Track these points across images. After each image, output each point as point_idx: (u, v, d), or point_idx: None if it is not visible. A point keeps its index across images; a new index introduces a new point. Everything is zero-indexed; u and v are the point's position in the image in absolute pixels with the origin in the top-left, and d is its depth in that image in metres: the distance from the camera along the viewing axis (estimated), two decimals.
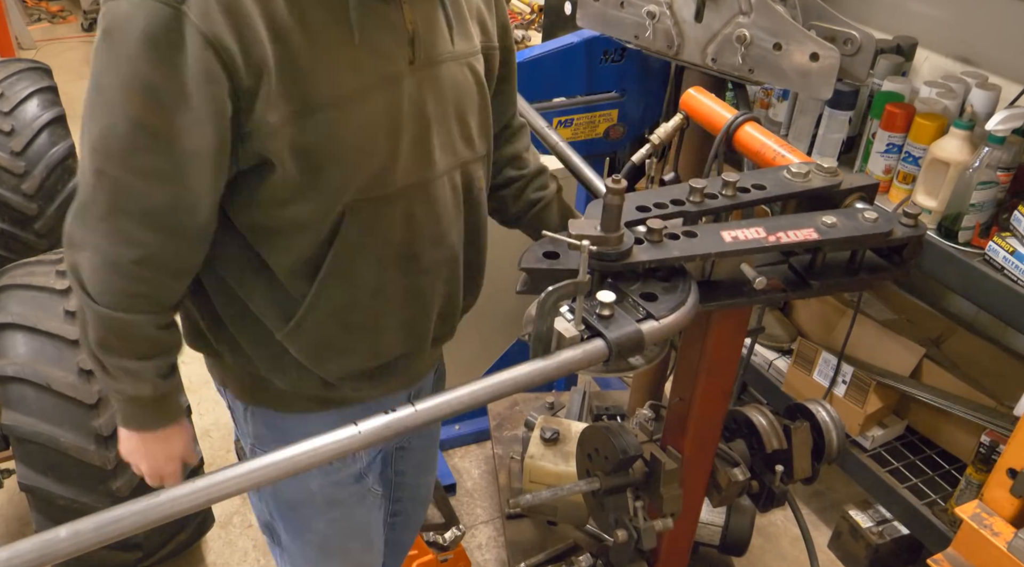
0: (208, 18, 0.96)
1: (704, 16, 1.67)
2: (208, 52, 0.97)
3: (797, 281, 1.13)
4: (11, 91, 3.10)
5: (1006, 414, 2.11)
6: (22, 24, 6.11)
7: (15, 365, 1.94)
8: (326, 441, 0.85)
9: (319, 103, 1.06)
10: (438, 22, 1.18)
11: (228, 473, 0.81)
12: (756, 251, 1.05)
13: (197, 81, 0.98)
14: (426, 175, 1.20)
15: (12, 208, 2.96)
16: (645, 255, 1.01)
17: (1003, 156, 1.81)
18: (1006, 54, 2.13)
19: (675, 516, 1.24)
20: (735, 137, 1.40)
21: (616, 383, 2.92)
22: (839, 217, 1.08)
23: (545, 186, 1.53)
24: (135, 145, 1.01)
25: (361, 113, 1.10)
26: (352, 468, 1.41)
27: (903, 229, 1.10)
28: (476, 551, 2.54)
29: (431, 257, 1.26)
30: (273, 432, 1.35)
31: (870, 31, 1.60)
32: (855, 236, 1.07)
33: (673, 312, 0.98)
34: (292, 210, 1.12)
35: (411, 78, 1.14)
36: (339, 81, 1.07)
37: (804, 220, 1.08)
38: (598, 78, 2.19)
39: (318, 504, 1.40)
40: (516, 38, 3.57)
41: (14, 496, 2.56)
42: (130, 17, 0.96)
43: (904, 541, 2.41)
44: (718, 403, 1.26)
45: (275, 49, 1.01)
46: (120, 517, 0.76)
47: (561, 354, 0.93)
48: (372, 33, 1.09)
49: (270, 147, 1.05)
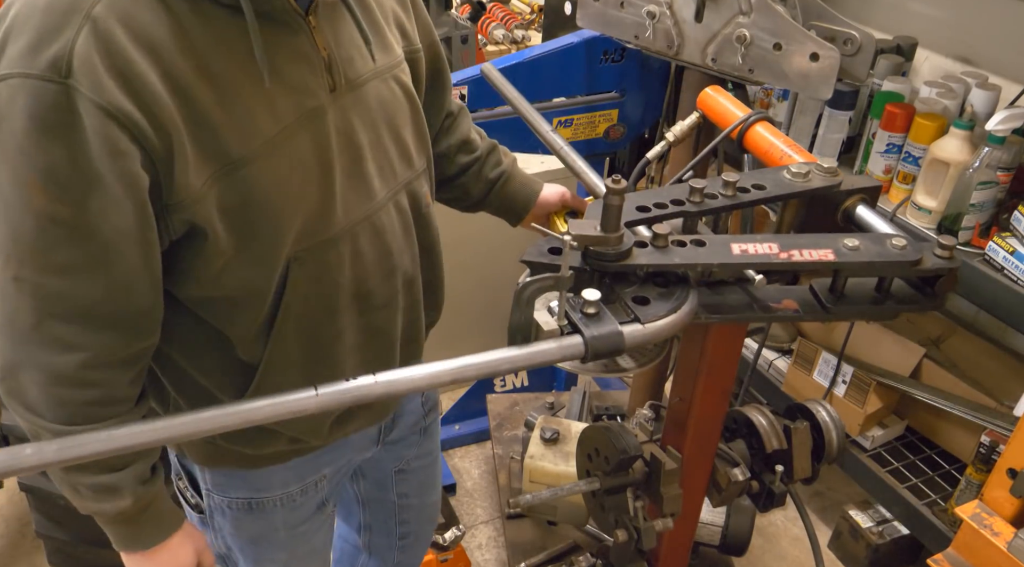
0: (100, 87, 0.85)
1: (704, 16, 1.67)
2: (110, 124, 0.86)
3: (814, 304, 1.07)
4: None
5: (1006, 414, 2.11)
6: None
7: None
8: (284, 400, 0.84)
9: (240, 157, 0.95)
10: (353, 40, 1.08)
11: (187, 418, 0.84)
12: (764, 267, 1.02)
13: (103, 158, 0.87)
14: (368, 207, 1.12)
15: None
16: (644, 259, 1.00)
17: (1003, 156, 1.81)
18: (1006, 54, 2.13)
19: (675, 516, 1.24)
20: (746, 136, 1.40)
21: (616, 383, 2.92)
22: (863, 241, 1.02)
23: (500, 161, 1.48)
24: (49, 243, 0.90)
25: (286, 158, 1.00)
26: (315, 499, 1.36)
27: (935, 260, 1.03)
28: (476, 551, 2.54)
29: (386, 290, 1.19)
30: (232, 480, 1.27)
31: (870, 31, 1.60)
32: (876, 262, 1.01)
33: (661, 319, 0.97)
34: (235, 275, 1.03)
35: (334, 107, 1.05)
36: (256, 129, 0.96)
37: (824, 240, 1.03)
38: (598, 78, 2.19)
39: (281, 538, 1.35)
40: (516, 38, 3.57)
41: (14, 496, 2.56)
42: (12, 102, 0.85)
43: (904, 541, 2.41)
44: (718, 403, 1.26)
45: (180, 108, 0.90)
46: (82, 442, 0.80)
47: (535, 345, 0.92)
48: (283, 68, 0.98)
49: (198, 214, 0.95)
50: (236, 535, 1.33)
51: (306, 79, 1.01)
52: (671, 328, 0.98)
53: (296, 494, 1.31)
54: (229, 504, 1.28)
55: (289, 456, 1.27)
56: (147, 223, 0.94)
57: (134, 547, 1.15)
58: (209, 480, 1.28)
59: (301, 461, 1.29)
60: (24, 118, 0.85)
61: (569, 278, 0.93)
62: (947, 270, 1.03)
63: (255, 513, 1.30)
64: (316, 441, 1.26)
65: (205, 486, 1.28)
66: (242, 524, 1.31)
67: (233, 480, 1.27)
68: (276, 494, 1.29)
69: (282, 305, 1.08)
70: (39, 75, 0.84)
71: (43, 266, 0.92)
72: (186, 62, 0.91)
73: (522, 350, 0.92)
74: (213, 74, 0.93)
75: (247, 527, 1.32)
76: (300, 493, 1.32)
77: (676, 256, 1.01)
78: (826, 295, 1.07)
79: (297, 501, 1.32)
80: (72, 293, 0.94)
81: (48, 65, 0.84)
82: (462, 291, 1.57)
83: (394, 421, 1.45)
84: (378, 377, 0.87)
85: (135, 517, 1.11)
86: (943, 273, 1.03)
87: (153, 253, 0.97)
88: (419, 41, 1.25)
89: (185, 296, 1.06)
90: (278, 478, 1.28)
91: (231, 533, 1.32)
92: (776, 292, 1.08)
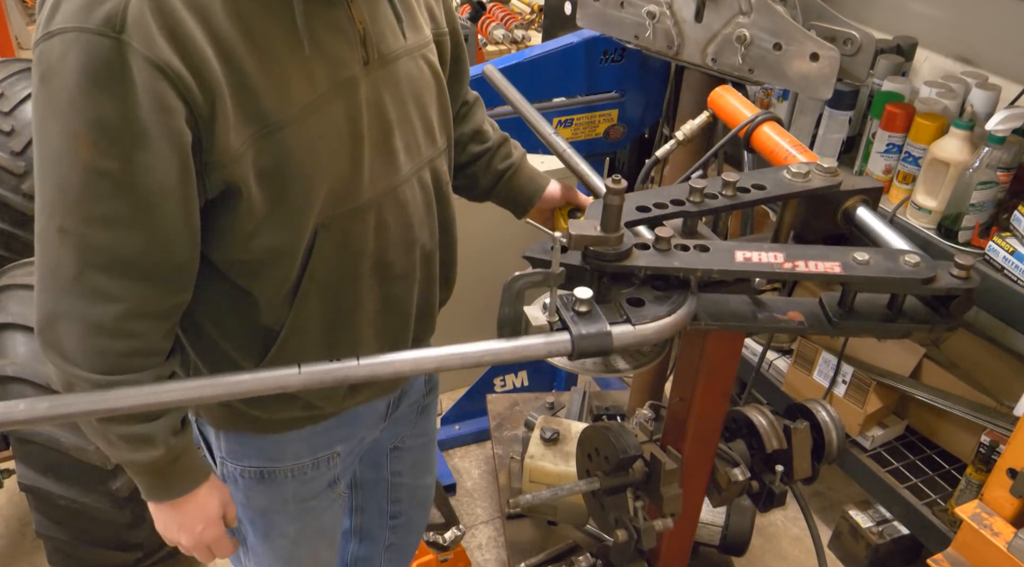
0: (152, 43, 0.89)
1: (704, 16, 1.67)
2: (159, 80, 0.90)
3: (821, 317, 1.04)
4: (11, 91, 3.10)
5: (1006, 414, 2.11)
6: (22, 24, 6.10)
7: (15, 365, 1.94)
8: (268, 376, 0.88)
9: (277, 121, 1.00)
10: (386, 17, 1.13)
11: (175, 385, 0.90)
12: (766, 275, 1.00)
13: (152, 113, 0.91)
14: (394, 180, 1.16)
15: (12, 208, 2.96)
16: (644, 260, 1.00)
17: (1003, 156, 1.81)
18: (1006, 54, 2.13)
19: (675, 516, 1.24)
20: (753, 136, 1.41)
21: (616, 383, 2.92)
22: (874, 255, 0.99)
23: (510, 154, 1.52)
24: (95, 195, 0.93)
25: (320, 125, 1.04)
26: (326, 475, 1.39)
27: (949, 280, 0.98)
28: (476, 551, 2.54)
29: (405, 262, 1.23)
30: (246, 448, 1.31)
31: (870, 31, 1.60)
32: (885, 278, 0.97)
33: (652, 322, 0.97)
34: (265, 239, 1.06)
35: (367, 80, 1.09)
36: (294, 95, 1.01)
37: (833, 252, 1.00)
38: (598, 78, 2.19)
39: (291, 511, 1.38)
40: (516, 38, 3.58)
41: (14, 496, 2.56)
42: (65, 56, 0.88)
43: (904, 541, 2.41)
44: (718, 403, 1.26)
45: (224, 70, 0.95)
46: (72, 403, 0.85)
47: (523, 339, 0.93)
48: (322, 39, 1.03)
49: (235, 174, 0.99)
50: (247, 505, 1.36)
51: (342, 51, 1.06)
52: (661, 332, 0.97)
53: (308, 467, 1.34)
54: (242, 472, 1.32)
55: (303, 423, 1.29)
56: (189, 179, 0.98)
57: (163, 497, 1.17)
58: (224, 447, 1.31)
59: (314, 432, 1.31)
60: (77, 71, 0.88)
61: (560, 275, 0.93)
62: (963, 291, 0.97)
63: (266, 483, 1.33)
64: (330, 408, 1.29)
65: (220, 453, 1.32)
66: (253, 494, 1.34)
67: (247, 448, 1.30)
68: (288, 464, 1.32)
69: (307, 270, 1.11)
70: (94, 30, 0.87)
71: (87, 218, 0.95)
72: (232, 26, 0.95)
73: (508, 343, 0.93)
74: (256, 40, 0.97)
75: (258, 497, 1.35)
76: (312, 467, 1.35)
77: (676, 260, 1.00)
78: (834, 309, 1.04)
79: (308, 475, 1.35)
80: (114, 245, 0.97)
81: (103, 20, 0.87)
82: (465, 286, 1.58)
83: (400, 397, 1.48)
84: (361, 361, 0.89)
85: (166, 467, 1.14)
86: (959, 294, 0.98)
87: (193, 209, 1.00)
88: (446, 25, 1.31)
89: (216, 258, 1.09)
90: (291, 449, 1.31)
91: (242, 503, 1.35)
92: (783, 303, 1.07)
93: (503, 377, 2.85)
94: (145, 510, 1.24)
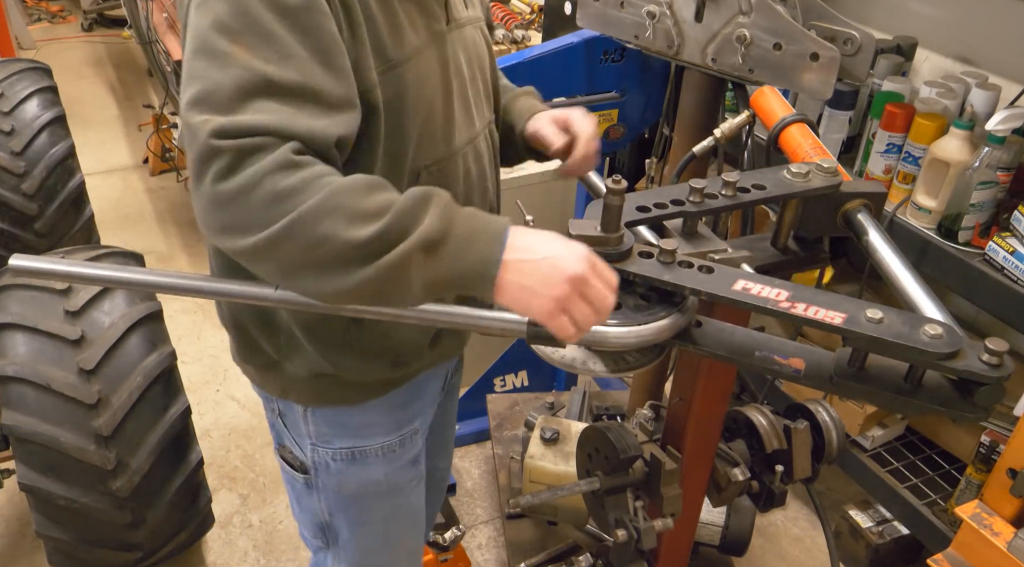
0: None
1: (704, 16, 1.67)
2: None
3: (824, 370, 0.98)
4: (11, 91, 3.10)
5: (1006, 414, 2.11)
6: (22, 24, 6.10)
7: (15, 365, 1.94)
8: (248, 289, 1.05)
9: (395, 59, 1.11)
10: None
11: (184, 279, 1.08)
12: (760, 310, 0.95)
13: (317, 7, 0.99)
14: (472, 132, 1.28)
15: (12, 208, 2.96)
16: (638, 268, 1.00)
17: (1003, 156, 1.81)
18: (1006, 54, 2.13)
19: (675, 516, 1.24)
20: (781, 136, 1.44)
21: (616, 383, 2.92)
22: (890, 316, 0.90)
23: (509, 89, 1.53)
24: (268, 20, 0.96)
25: (424, 69, 1.15)
26: (411, 452, 1.43)
27: (975, 363, 0.83)
28: (476, 551, 2.54)
29: (482, 208, 1.26)
30: (335, 428, 1.35)
31: (870, 31, 1.60)
32: (892, 342, 0.86)
33: (612, 327, 0.97)
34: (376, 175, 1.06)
35: (448, 38, 1.21)
36: (404, 39, 1.12)
37: (842, 303, 0.93)
38: (598, 78, 2.19)
39: (383, 492, 1.42)
40: (516, 38, 3.58)
41: (14, 496, 2.56)
42: None
43: (904, 541, 2.41)
44: (718, 403, 1.26)
45: (364, 11, 1.07)
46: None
47: (480, 311, 0.98)
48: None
49: (371, 98, 1.08)
50: (339, 493, 1.41)
51: (433, 8, 1.19)
52: (625, 340, 0.97)
53: (395, 445, 1.40)
54: (333, 456, 1.36)
55: (386, 388, 1.34)
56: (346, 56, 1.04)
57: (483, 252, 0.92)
58: (313, 431, 1.35)
59: (395, 403, 1.36)
60: None
61: None
62: (993, 379, 0.81)
63: (358, 464, 1.37)
64: (416, 363, 1.33)
65: (310, 440, 1.36)
66: (346, 479, 1.39)
67: (335, 428, 1.35)
68: (377, 443, 1.37)
69: None
70: None
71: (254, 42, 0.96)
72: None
73: (465, 310, 0.99)
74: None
75: (350, 481, 1.39)
76: (399, 444, 1.40)
77: (670, 274, 0.99)
78: (841, 366, 0.96)
79: (396, 452, 1.40)
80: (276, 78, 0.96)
81: None
82: None
83: (456, 366, 1.57)
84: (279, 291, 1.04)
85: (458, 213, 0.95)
86: (987, 381, 0.83)
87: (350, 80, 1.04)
88: (484, 14, 1.41)
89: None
90: (377, 426, 1.36)
91: (335, 491, 1.40)
92: (792, 347, 1.02)
93: (503, 377, 2.85)
94: (145, 510, 1.23)
